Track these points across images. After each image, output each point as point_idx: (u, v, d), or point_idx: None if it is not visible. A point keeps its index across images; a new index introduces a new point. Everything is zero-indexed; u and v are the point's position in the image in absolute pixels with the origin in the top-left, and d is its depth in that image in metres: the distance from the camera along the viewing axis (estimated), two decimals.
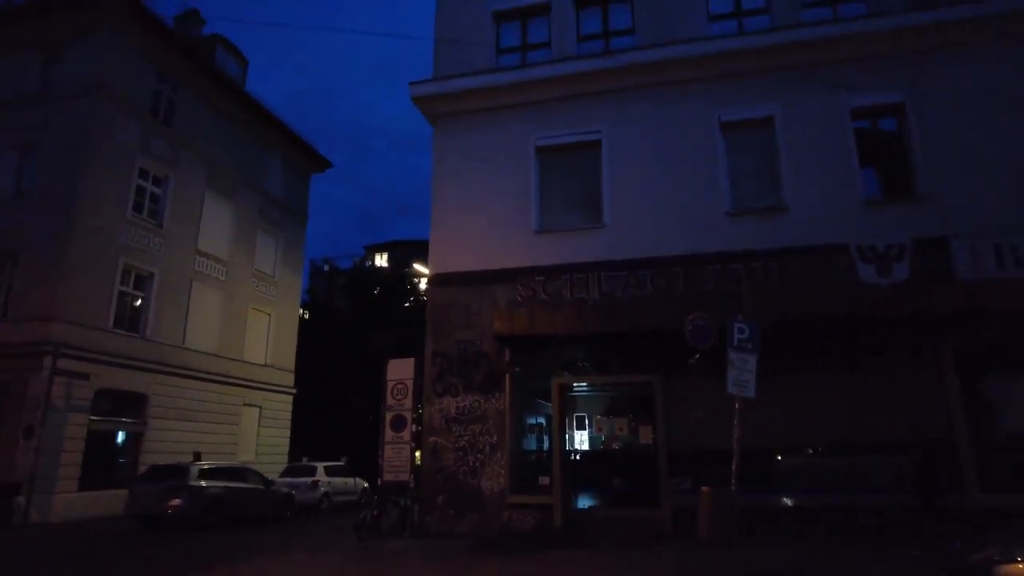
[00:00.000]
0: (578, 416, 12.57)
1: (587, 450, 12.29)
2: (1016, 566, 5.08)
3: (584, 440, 12.46)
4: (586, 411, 12.64)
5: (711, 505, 7.81)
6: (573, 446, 12.30)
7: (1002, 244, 10.16)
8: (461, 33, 14.52)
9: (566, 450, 12.08)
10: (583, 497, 11.96)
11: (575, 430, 12.46)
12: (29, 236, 17.21)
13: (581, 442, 12.42)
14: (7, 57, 19.06)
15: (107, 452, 17.98)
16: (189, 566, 9.21)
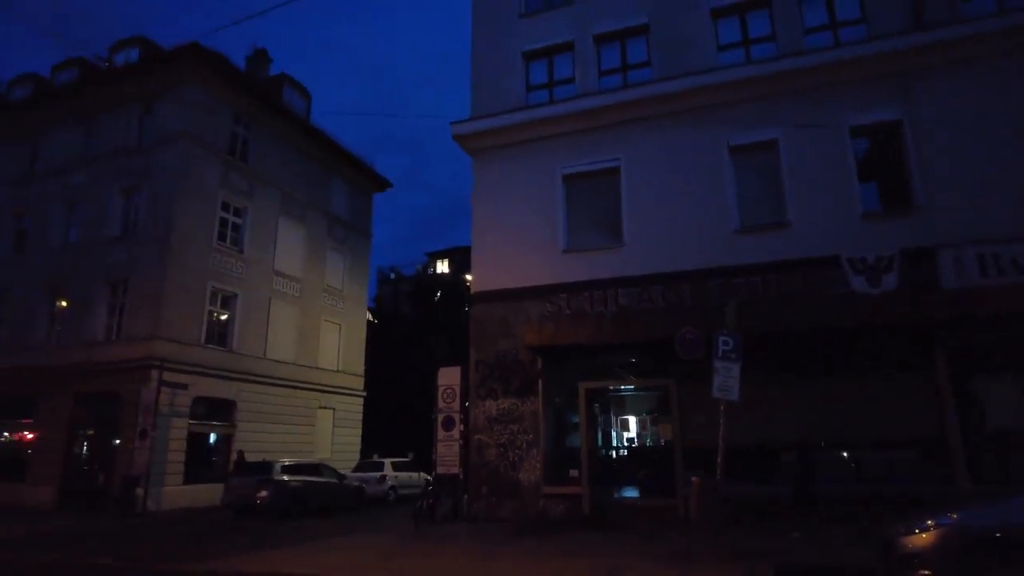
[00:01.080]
0: (605, 416, 14.05)
1: (614, 446, 13.73)
2: (918, 536, 6.35)
3: (611, 437, 13.94)
4: (612, 412, 14.10)
5: (700, 494, 9.21)
6: (601, 443, 13.79)
7: (985, 253, 11.01)
8: (494, 73, 16.24)
9: (596, 446, 13.62)
10: (610, 488, 13.41)
11: (602, 428, 13.95)
12: (136, 267, 20.05)
13: (608, 439, 13.89)
14: (111, 114, 22.09)
15: (204, 451, 20.64)
16: (278, 543, 11.25)
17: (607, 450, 13.74)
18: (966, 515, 6.27)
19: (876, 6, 13.53)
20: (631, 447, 13.43)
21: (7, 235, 23.41)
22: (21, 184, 23.68)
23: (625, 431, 13.89)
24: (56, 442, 20.03)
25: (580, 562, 8.31)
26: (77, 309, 20.79)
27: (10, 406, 21.42)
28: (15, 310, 22.28)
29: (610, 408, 14.35)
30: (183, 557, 9.75)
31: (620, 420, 14.00)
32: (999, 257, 10.93)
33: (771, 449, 12.13)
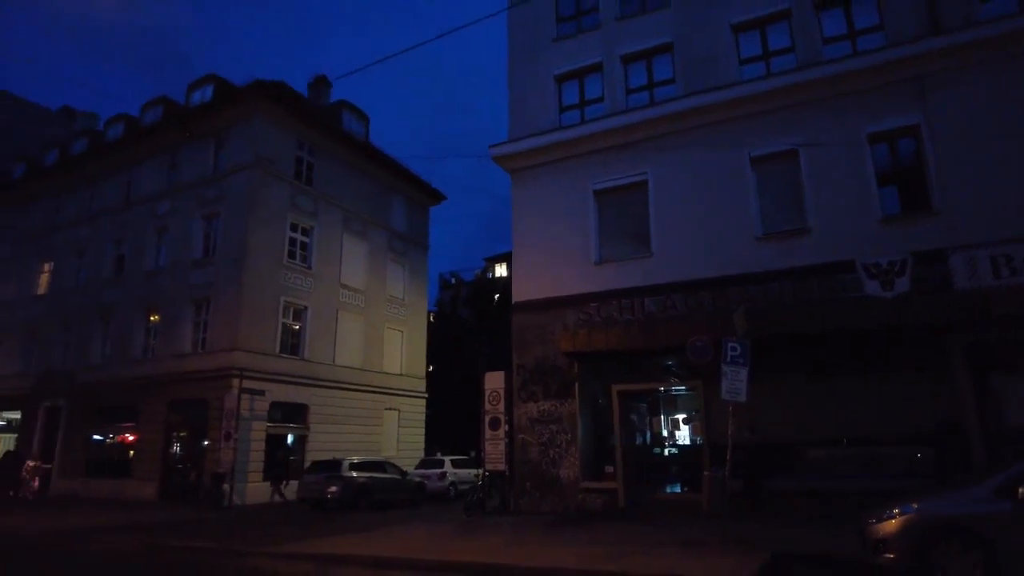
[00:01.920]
0: (640, 416, 14.97)
1: (649, 444, 14.63)
2: (885, 523, 7.13)
3: (647, 436, 14.84)
4: (648, 411, 14.99)
5: (710, 487, 10.09)
6: (637, 441, 14.71)
7: (997, 255, 11.35)
8: (529, 96, 17.39)
9: (631, 444, 14.57)
10: (646, 483, 14.34)
11: (638, 428, 14.87)
12: (216, 286, 22.29)
13: (644, 437, 14.80)
14: (191, 148, 24.52)
15: (281, 450, 22.66)
16: (346, 531, 12.75)
17: (643, 448, 14.65)
18: (926, 504, 6.99)
19: (893, 13, 13.89)
20: (665, 445, 14.27)
21: (109, 260, 26.28)
22: (119, 213, 26.52)
23: (661, 430, 14.74)
24: (155, 443, 22.52)
25: (597, 548, 9.35)
26: (168, 325, 23.29)
27: (116, 412, 24.17)
28: (118, 327, 25.04)
29: (645, 408, 15.25)
30: (266, 542, 11.37)
31: (655, 419, 14.86)
32: (1011, 258, 11.25)
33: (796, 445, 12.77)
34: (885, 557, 6.94)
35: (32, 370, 27.56)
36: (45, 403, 26.38)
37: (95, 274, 26.66)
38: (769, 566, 7.73)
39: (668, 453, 14.39)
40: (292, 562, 9.86)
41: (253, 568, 9.45)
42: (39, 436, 26.11)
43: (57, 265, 28.58)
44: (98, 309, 25.86)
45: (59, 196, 29.56)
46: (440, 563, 8.96)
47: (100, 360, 25.35)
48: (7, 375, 28.48)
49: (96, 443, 25.08)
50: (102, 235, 26.87)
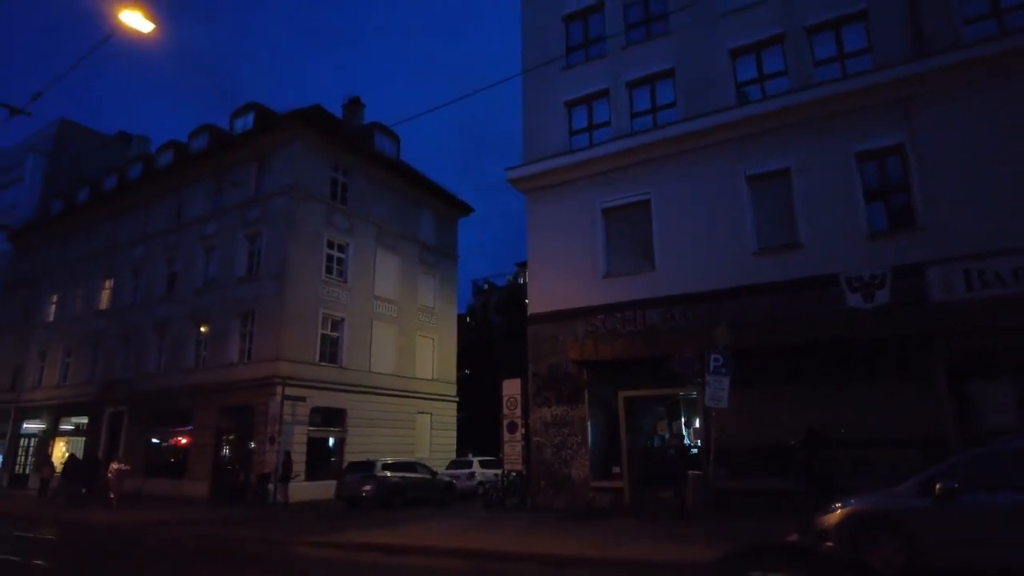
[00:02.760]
0: (647, 419, 15.97)
1: (652, 446, 15.65)
2: (828, 516, 8.16)
3: (652, 438, 15.84)
4: (651, 415, 15.98)
5: (694, 486, 11.15)
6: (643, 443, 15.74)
7: (971, 268, 12.09)
8: (541, 122, 18.60)
9: (637, 446, 15.62)
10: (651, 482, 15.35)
11: (645, 430, 15.89)
12: (260, 300, 24.11)
13: (650, 440, 15.81)
14: (235, 172, 26.46)
15: (321, 452, 24.35)
16: (379, 525, 14.17)
17: (648, 449, 15.65)
18: (860, 500, 7.97)
19: (881, 36, 14.63)
20: (670, 447, 15.25)
21: (163, 277, 28.48)
22: (171, 234, 28.70)
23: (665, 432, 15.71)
24: (207, 446, 24.45)
25: (594, 539, 10.50)
26: (217, 337, 25.24)
27: (172, 417, 26.25)
28: (172, 339, 27.15)
29: (650, 412, 16.24)
30: (307, 534, 12.87)
31: (660, 423, 15.82)
32: (984, 271, 11.98)
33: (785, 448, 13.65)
34: (826, 545, 7.97)
35: (97, 379, 29.99)
36: (109, 409, 28.71)
37: (150, 290, 28.91)
38: (731, 554, 8.78)
39: (672, 454, 15.35)
40: (324, 549, 11.32)
41: (293, 554, 10.93)
42: (104, 439, 28.46)
43: (117, 282, 31.01)
44: (154, 322, 28.07)
45: (118, 218, 32.03)
46: (448, 549, 10.28)
47: (156, 369, 27.52)
48: (76, 383, 31.07)
49: (154, 446, 27.23)
50: (156, 254, 29.11)
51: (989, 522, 7.00)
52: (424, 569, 9.23)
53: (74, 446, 30.25)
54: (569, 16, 19.24)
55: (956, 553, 7.14)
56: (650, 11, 18.06)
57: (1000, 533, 6.91)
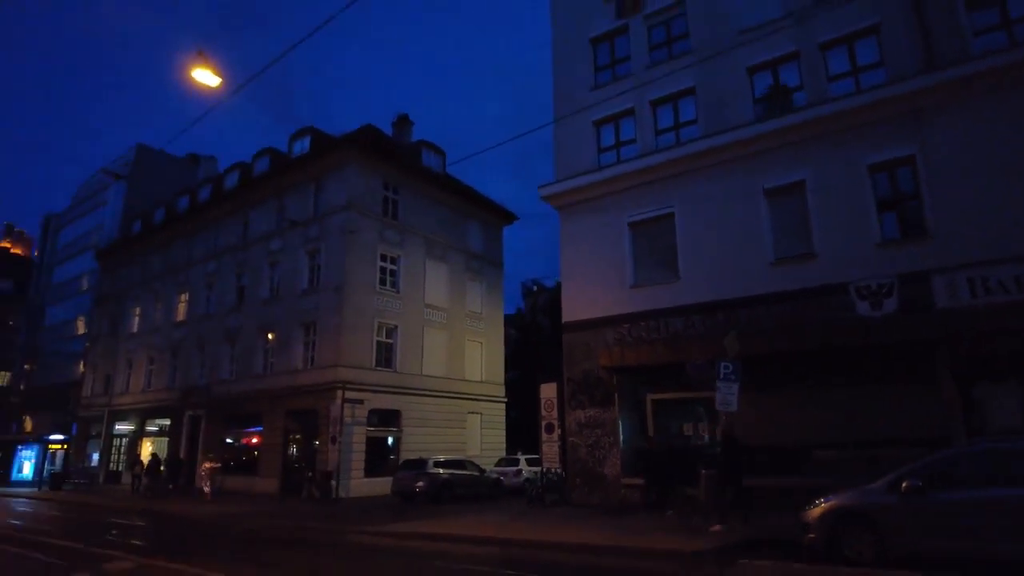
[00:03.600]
0: (675, 420, 16.98)
1: (678, 446, 16.64)
2: (812, 510, 9.17)
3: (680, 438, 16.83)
4: (678, 417, 16.97)
5: (707, 484, 12.20)
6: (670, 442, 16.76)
7: (975, 276, 12.67)
8: (571, 140, 19.78)
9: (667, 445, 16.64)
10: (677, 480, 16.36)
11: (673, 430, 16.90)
12: (320, 311, 26.15)
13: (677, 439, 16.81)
14: (295, 194, 28.68)
15: (378, 451, 26.21)
16: (430, 517, 15.74)
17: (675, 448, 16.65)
18: (839, 496, 8.94)
19: (892, 49, 15.17)
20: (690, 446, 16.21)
21: (233, 291, 31.01)
22: (239, 251, 31.20)
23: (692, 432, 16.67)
24: (276, 446, 26.70)
25: (614, 531, 11.72)
26: (283, 345, 27.46)
27: (244, 419, 28.69)
28: (242, 347, 29.60)
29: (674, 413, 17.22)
30: (362, 524, 14.54)
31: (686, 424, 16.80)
32: (987, 279, 12.56)
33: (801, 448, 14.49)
34: (809, 537, 8.99)
35: (177, 385, 32.87)
36: (188, 412, 31.48)
37: (222, 303, 31.50)
38: (729, 545, 9.87)
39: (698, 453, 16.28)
40: (378, 537, 12.94)
41: (351, 541, 12.58)
42: (185, 440, 31.24)
43: (192, 296, 33.82)
44: (225, 333, 30.61)
45: (191, 237, 34.89)
46: (485, 538, 11.72)
47: (229, 376, 30.03)
48: (159, 389, 34.09)
49: (229, 445, 29.76)
50: (226, 269, 31.68)
51: (947, 516, 7.90)
52: (462, 554, 10.65)
53: (159, 446, 33.26)
54: (596, 39, 20.34)
55: (919, 544, 8.07)
56: (672, 32, 18.99)
57: (957, 526, 7.81)
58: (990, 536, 7.52)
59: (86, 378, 41.47)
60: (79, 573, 9.03)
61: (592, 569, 9.16)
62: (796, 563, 8.68)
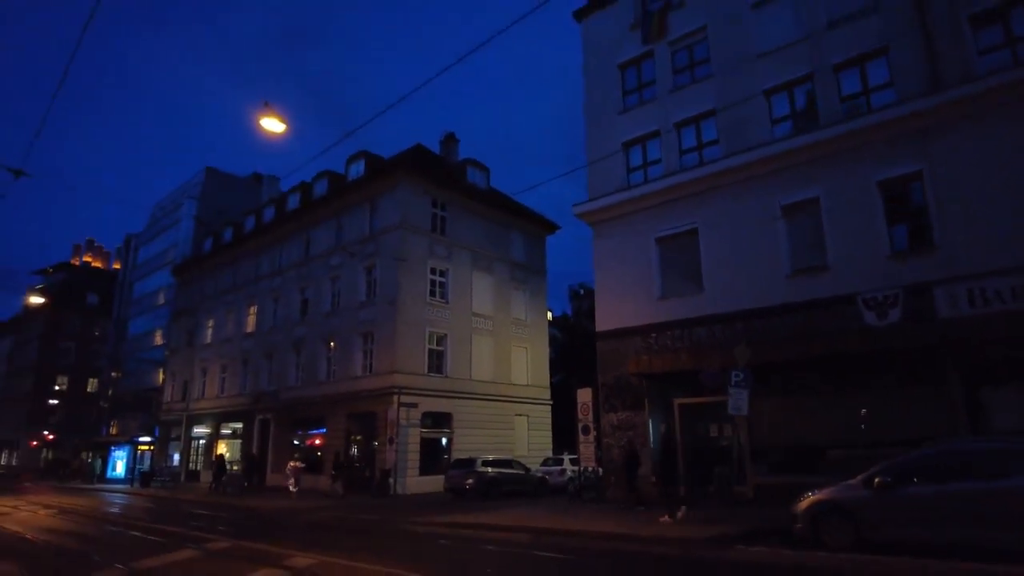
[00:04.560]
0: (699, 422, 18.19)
1: (703, 446, 17.84)
2: (799, 503, 10.44)
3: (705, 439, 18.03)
4: (704, 419, 18.16)
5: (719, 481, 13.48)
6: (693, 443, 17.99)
7: (973, 288, 13.53)
8: (603, 161, 21.17)
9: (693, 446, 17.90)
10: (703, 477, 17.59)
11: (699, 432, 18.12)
12: (378, 321, 28.30)
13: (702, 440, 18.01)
14: (352, 214, 31.00)
15: (431, 451, 28.16)
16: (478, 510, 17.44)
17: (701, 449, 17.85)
18: (822, 491, 10.17)
19: (901, 70, 16.02)
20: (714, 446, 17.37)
21: (297, 304, 33.60)
22: (301, 266, 33.78)
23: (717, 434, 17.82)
24: (338, 446, 28.98)
25: (634, 523, 13.16)
26: (343, 353, 29.75)
27: (309, 422, 31.17)
28: (307, 356, 32.11)
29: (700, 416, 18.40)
30: (418, 516, 16.37)
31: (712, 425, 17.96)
32: (984, 290, 13.41)
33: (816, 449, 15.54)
34: (796, 527, 10.26)
35: (248, 391, 35.72)
36: (259, 416, 34.24)
37: (287, 314, 34.13)
38: (731, 533, 11.19)
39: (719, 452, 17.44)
40: (427, 526, 14.73)
41: (403, 529, 14.40)
42: (256, 441, 33.99)
43: (260, 308, 36.65)
44: (291, 342, 33.20)
45: (258, 254, 37.78)
46: (521, 527, 13.36)
47: (295, 382, 32.58)
48: (231, 395, 37.07)
49: (295, 446, 32.31)
50: (290, 284, 34.32)
51: (912, 508, 9.07)
52: (498, 539, 12.27)
53: (232, 448, 36.20)
54: (623, 64, 21.70)
55: (889, 532, 9.25)
56: (694, 56, 20.18)
57: (920, 516, 8.98)
58: (945, 524, 8.68)
59: (166, 385, 45.13)
60: (186, 548, 11.09)
61: (610, 552, 10.63)
62: (785, 549, 9.96)
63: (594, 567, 9.60)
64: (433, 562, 9.82)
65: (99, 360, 68.33)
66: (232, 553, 10.87)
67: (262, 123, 16.22)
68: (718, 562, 9.57)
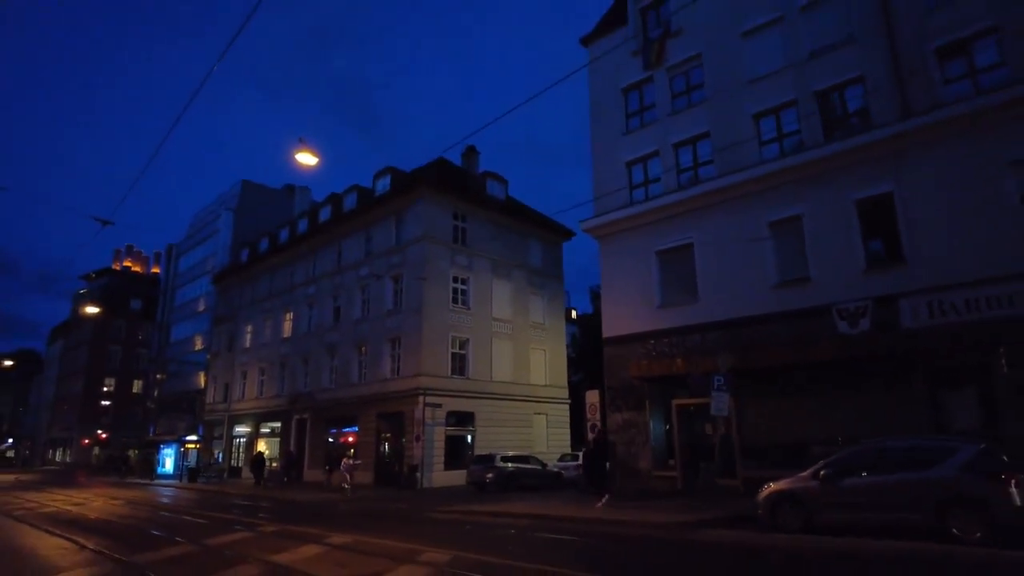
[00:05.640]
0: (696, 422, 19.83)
1: (698, 444, 19.47)
2: (761, 493, 12.15)
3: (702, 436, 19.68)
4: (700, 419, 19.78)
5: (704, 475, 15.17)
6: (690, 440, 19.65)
7: (932, 300, 14.99)
8: (607, 179, 22.88)
9: (689, 443, 19.57)
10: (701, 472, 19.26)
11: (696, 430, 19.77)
12: (404, 328, 30.42)
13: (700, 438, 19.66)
14: (379, 227, 33.15)
15: (456, 448, 30.19)
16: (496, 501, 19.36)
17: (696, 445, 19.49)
18: (779, 482, 11.86)
19: (875, 98, 17.41)
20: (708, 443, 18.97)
21: (330, 311, 35.94)
22: (333, 276, 36.09)
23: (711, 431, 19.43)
24: (369, 443, 31.20)
25: (631, 511, 14.94)
26: (373, 357, 31.95)
27: (342, 421, 33.47)
28: (340, 360, 34.42)
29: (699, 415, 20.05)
30: (441, 506, 18.37)
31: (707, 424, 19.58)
32: (942, 302, 14.86)
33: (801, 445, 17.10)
34: (759, 513, 11.97)
35: (285, 392, 38.21)
36: (296, 416, 36.68)
37: (321, 321, 36.49)
38: (706, 519, 12.93)
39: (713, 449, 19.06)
40: (448, 514, 16.72)
41: (426, 516, 16.40)
42: (294, 439, 36.45)
43: (295, 315, 39.11)
44: (325, 347, 35.54)
45: (292, 264, 40.23)
46: (528, 514, 15.25)
47: (329, 384, 34.91)
48: (270, 396, 39.62)
49: (330, 443, 34.64)
50: (323, 292, 36.66)
51: (848, 496, 10.74)
52: (508, 524, 14.18)
53: (271, 446, 38.74)
54: (626, 88, 23.37)
55: (832, 517, 10.92)
56: (690, 81, 21.77)
57: (856, 502, 10.64)
58: (874, 509, 10.34)
59: (208, 387, 48.02)
60: (241, 531, 13.21)
61: (598, 534, 12.45)
62: (748, 532, 11.68)
63: (584, 544, 11.44)
64: (448, 540, 11.75)
65: (142, 363, 72.15)
66: (280, 534, 12.94)
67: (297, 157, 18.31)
68: (683, 541, 11.33)
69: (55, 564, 9.75)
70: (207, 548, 11.11)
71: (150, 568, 9.28)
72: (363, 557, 9.79)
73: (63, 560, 10.09)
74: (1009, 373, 13.91)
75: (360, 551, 10.39)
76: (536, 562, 9.00)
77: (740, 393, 18.04)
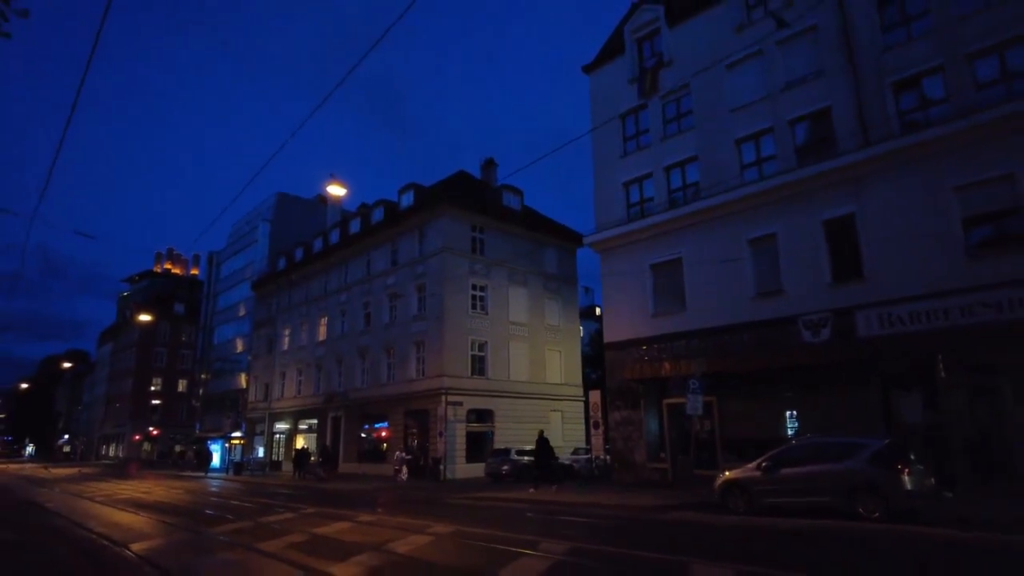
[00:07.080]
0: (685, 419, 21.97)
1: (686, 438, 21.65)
2: (717, 481, 14.41)
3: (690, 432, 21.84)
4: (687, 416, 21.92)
5: (681, 465, 17.40)
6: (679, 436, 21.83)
7: (883, 312, 16.96)
8: (607, 198, 25.12)
9: (679, 438, 21.76)
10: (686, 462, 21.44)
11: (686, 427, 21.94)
12: (427, 332, 33.07)
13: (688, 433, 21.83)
14: (404, 239, 35.90)
15: (476, 443, 32.75)
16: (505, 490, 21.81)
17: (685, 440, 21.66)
18: (730, 472, 14.08)
19: (841, 127, 19.32)
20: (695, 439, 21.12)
21: (361, 316, 38.81)
22: (364, 284, 38.94)
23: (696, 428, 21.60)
24: (398, 439, 33.97)
25: (617, 497, 17.26)
26: (400, 360, 34.70)
27: (373, 418, 36.32)
28: (370, 361, 37.28)
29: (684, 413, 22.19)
30: (459, 494, 20.92)
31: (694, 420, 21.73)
32: (891, 314, 16.83)
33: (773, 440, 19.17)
34: (714, 498, 14.22)
35: (321, 391, 41.25)
36: (331, 414, 39.68)
37: (353, 325, 39.38)
38: (675, 503, 15.20)
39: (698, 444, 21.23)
40: (465, 500, 19.26)
41: (446, 502, 18.96)
42: (330, 435, 39.46)
43: (329, 320, 42.11)
44: (357, 350, 38.43)
45: (326, 273, 43.24)
46: (532, 500, 17.73)
47: (361, 384, 37.79)
48: (307, 395, 42.75)
49: (363, 439, 37.55)
50: (355, 299, 39.55)
51: (785, 483, 12.94)
52: (511, 508, 16.64)
53: (309, 441, 41.86)
54: (624, 113, 25.53)
55: (770, 500, 13.14)
56: (681, 109, 23.87)
57: (788, 489, 12.84)
58: (801, 493, 12.54)
59: (250, 386, 51.47)
60: (287, 512, 15.91)
61: (587, 513, 14.82)
62: (703, 514, 13.94)
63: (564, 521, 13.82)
64: (453, 517, 14.25)
65: (186, 363, 76.49)
66: (319, 514, 15.60)
67: (328, 189, 21.00)
68: (650, 520, 13.64)
69: (147, 532, 12.52)
70: (260, 524, 13.78)
71: (219, 535, 11.97)
72: (383, 529, 12.35)
73: (152, 530, 12.88)
74: (946, 377, 15.87)
75: (381, 525, 12.96)
76: (520, 533, 11.44)
77: (720, 394, 20.21)
